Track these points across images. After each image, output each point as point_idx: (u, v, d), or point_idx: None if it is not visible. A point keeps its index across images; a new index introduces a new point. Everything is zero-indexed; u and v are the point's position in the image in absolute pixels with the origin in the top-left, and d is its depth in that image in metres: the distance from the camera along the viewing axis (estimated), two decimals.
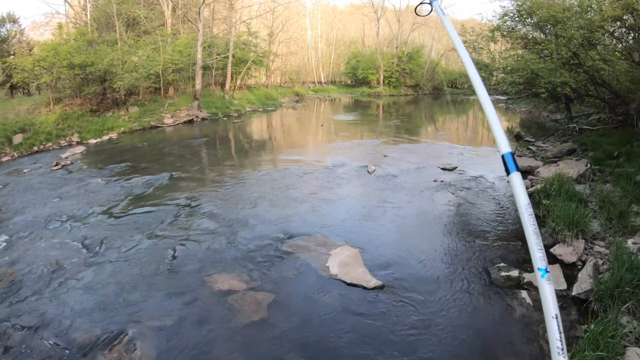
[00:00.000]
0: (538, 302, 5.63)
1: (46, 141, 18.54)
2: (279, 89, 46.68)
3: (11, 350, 5.32)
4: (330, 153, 16.03)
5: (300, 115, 32.36)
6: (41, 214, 9.87)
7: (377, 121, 27.94)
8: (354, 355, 4.98)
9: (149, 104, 26.29)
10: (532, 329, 5.21)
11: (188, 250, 7.69)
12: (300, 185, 11.44)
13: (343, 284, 6.45)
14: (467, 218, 8.74)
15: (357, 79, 57.85)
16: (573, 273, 6.23)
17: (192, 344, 5.27)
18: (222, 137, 21.76)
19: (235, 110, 30.96)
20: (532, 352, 4.83)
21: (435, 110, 36.95)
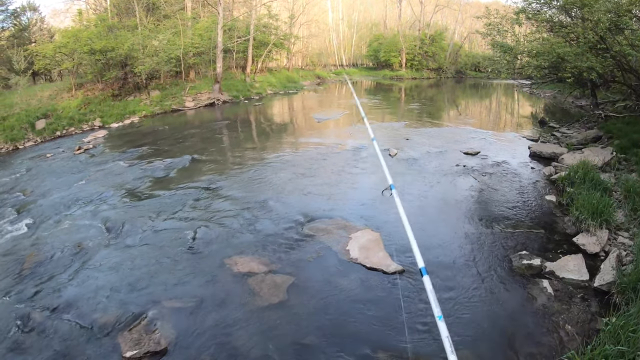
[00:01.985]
0: (559, 292, 5.54)
1: (69, 126, 18.74)
2: (300, 71, 46.38)
3: (34, 330, 5.39)
4: (351, 136, 15.87)
5: (322, 98, 32.13)
6: (64, 197, 9.98)
7: (399, 104, 27.61)
8: (372, 340, 4.93)
9: (170, 88, 26.37)
10: (552, 319, 5.09)
11: (208, 232, 7.68)
12: (321, 168, 11.36)
13: (363, 268, 6.38)
14: (489, 204, 8.56)
15: (379, 61, 57.17)
16: (596, 264, 6.07)
17: (211, 325, 5.27)
18: (243, 119, 21.72)
19: (257, 93, 30.84)
20: (551, 343, 4.72)
21: (458, 94, 36.36)
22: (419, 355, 4.69)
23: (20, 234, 8.16)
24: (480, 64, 54.82)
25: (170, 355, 4.86)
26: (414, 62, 52.59)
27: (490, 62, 26.74)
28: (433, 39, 53.01)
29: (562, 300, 5.40)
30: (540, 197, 8.54)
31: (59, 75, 29.72)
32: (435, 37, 53.32)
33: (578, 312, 5.17)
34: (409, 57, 52.63)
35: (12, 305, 5.92)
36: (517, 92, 33.86)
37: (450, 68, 53.80)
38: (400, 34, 53.12)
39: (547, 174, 9.89)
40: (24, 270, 6.82)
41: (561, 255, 6.32)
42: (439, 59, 53.41)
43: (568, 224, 7.24)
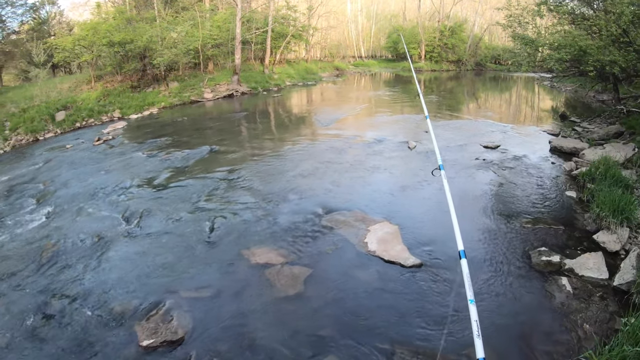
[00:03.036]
0: (578, 290, 5.39)
1: (88, 117, 18.91)
2: (318, 63, 46.17)
3: (52, 319, 5.42)
4: (370, 128, 15.75)
5: (341, 90, 31.96)
6: (83, 188, 10.07)
7: (418, 97, 27.23)
8: (388, 334, 4.86)
9: (189, 79, 26.45)
10: (570, 317, 4.95)
11: (226, 223, 7.67)
12: (340, 160, 11.26)
13: (381, 261, 6.30)
14: (508, 198, 8.38)
15: (398, 53, 56.71)
16: (616, 262, 5.90)
17: (227, 315, 5.25)
18: (262, 111, 21.70)
19: (275, 85, 30.76)
20: (569, 342, 4.58)
21: (478, 86, 35.86)
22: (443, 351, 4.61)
23: (39, 224, 8.24)
24: (500, 57, 54.07)
25: (187, 344, 4.85)
26: (433, 54, 52.01)
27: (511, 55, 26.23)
28: (453, 31, 52.37)
29: (580, 298, 5.27)
30: (561, 193, 8.36)
31: (78, 67, 30.10)
32: (455, 29, 52.66)
33: (596, 311, 5.03)
34: (428, 49, 52.08)
35: (31, 293, 5.98)
36: (538, 85, 33.29)
37: (470, 60, 53.10)
38: (419, 25, 52.58)
39: (567, 169, 9.68)
40: (43, 259, 6.88)
41: (581, 252, 6.16)
42: (458, 51, 52.77)
43: (588, 220, 7.07)
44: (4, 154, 15.02)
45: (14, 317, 5.51)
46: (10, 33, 28.81)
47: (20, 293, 6.01)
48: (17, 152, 15.02)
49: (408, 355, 4.55)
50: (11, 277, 6.43)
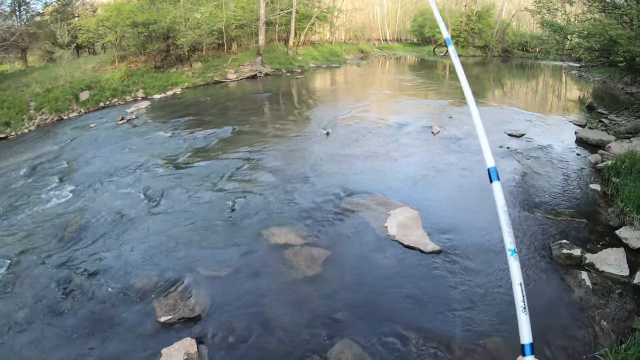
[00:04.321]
0: (597, 286, 5.24)
1: (112, 97, 19.10)
2: (343, 45, 45.73)
3: (74, 294, 5.50)
4: (394, 112, 15.56)
5: (365, 72, 31.68)
6: (107, 166, 10.17)
7: (443, 82, 26.88)
8: (404, 319, 4.82)
9: (213, 60, 26.48)
10: (588, 313, 4.82)
11: (247, 203, 7.67)
12: (362, 143, 11.17)
13: (400, 246, 6.22)
14: (531, 188, 8.19)
15: (423, 37, 55.86)
16: (637, 260, 5.71)
17: (245, 294, 5.26)
18: (285, 92, 21.63)
19: (299, 66, 30.61)
20: (585, 339, 4.46)
21: (504, 73, 35.12)
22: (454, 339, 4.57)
23: (63, 201, 8.36)
24: (528, 44, 52.84)
25: (204, 322, 4.87)
26: (460, 39, 51.06)
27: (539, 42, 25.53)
28: (480, 16, 51.37)
29: (599, 294, 5.12)
30: (585, 185, 8.15)
31: (102, 48, 30.36)
32: (482, 14, 51.64)
33: (615, 308, 4.89)
34: (455, 33, 51.13)
35: (54, 268, 6.07)
36: (565, 74, 32.48)
37: (497, 46, 52.02)
38: (446, 9, 51.61)
39: (592, 162, 9.43)
40: (66, 235, 6.98)
41: (602, 247, 5.98)
42: (485, 36, 51.77)
43: (612, 215, 6.87)
44: (29, 133, 15.26)
45: (37, 291, 5.60)
46: (34, 15, 29.17)
47: (44, 268, 6.11)
48: (41, 131, 15.25)
49: (423, 341, 4.51)
50: (35, 252, 6.54)
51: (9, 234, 7.24)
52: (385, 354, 4.40)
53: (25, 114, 16.33)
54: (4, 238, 7.12)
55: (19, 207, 8.24)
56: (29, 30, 26.58)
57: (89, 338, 4.78)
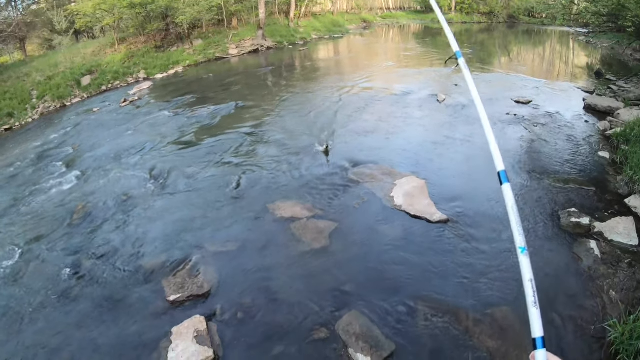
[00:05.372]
0: (606, 255, 5.17)
1: (113, 80, 18.99)
2: (345, 15, 44.84)
3: (84, 277, 5.55)
4: (398, 80, 15.33)
5: (368, 42, 31.20)
6: (111, 149, 10.16)
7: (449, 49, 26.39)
8: (412, 290, 4.81)
9: (213, 36, 26.19)
10: (596, 282, 4.76)
11: (252, 178, 7.66)
12: (367, 113, 11.04)
13: (407, 216, 6.17)
14: (539, 155, 8.05)
15: (427, 5, 54.74)
16: None
17: (252, 269, 5.27)
18: (288, 65, 21.37)
19: (301, 38, 30.14)
20: (594, 308, 4.43)
21: (510, 40, 34.33)
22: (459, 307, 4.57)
23: (69, 187, 8.39)
24: (534, 9, 51.57)
25: (213, 298, 4.90)
26: (464, 5, 50.05)
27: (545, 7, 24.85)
28: None
29: (608, 263, 5.05)
30: (593, 153, 7.99)
31: (101, 31, 30.13)
32: None
33: (624, 278, 4.82)
34: (459, 0, 50.27)
35: (63, 253, 6.12)
36: (573, 40, 31.68)
37: (502, 12, 50.83)
38: None
39: (601, 129, 9.23)
40: (74, 220, 7.02)
41: (611, 216, 5.87)
42: (490, 2, 50.55)
43: (621, 183, 6.75)
44: (32, 122, 15.24)
45: (49, 277, 5.65)
46: (30, 4, 28.93)
47: (54, 254, 6.15)
48: (45, 120, 15.23)
49: (431, 312, 4.51)
50: (45, 239, 6.58)
51: (18, 222, 7.29)
52: (394, 324, 4.41)
53: (27, 104, 16.30)
54: (13, 226, 7.18)
55: (26, 195, 8.28)
56: (25, 20, 26.41)
57: (100, 320, 4.83)
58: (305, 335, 4.34)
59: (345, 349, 4.16)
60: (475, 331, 4.30)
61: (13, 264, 6.07)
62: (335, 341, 4.26)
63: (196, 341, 4.34)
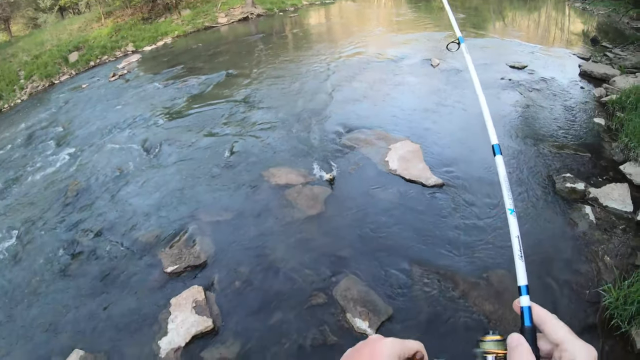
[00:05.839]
0: (601, 221, 5.15)
1: (101, 55, 18.66)
2: None
3: (81, 254, 5.56)
4: (392, 46, 14.98)
5: (361, 7, 30.60)
6: (102, 124, 10.05)
7: (442, 14, 26.04)
8: (408, 254, 4.82)
9: (202, 5, 25.67)
10: (591, 248, 4.75)
11: (246, 146, 7.59)
12: (360, 79, 10.86)
13: (402, 180, 6.14)
14: (534, 121, 7.94)
15: None
16: None
17: (248, 238, 5.27)
18: (279, 32, 20.91)
19: (292, 5, 29.33)
20: (589, 273, 4.43)
21: (505, 5, 33.73)
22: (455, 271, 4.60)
23: (62, 165, 8.34)
24: None
25: (210, 268, 4.91)
26: None
27: None
28: None
29: (603, 229, 5.03)
30: (589, 119, 7.89)
31: (87, 6, 29.49)
32: None
33: (618, 244, 4.82)
34: None
35: (60, 232, 6.12)
36: (569, 6, 31.16)
37: None
38: None
39: (597, 95, 9.09)
40: (68, 198, 6.99)
41: (606, 182, 5.83)
42: None
43: (616, 150, 6.67)
44: (21, 102, 15.07)
45: (47, 256, 5.67)
46: None
47: (50, 233, 6.15)
48: (34, 99, 15.05)
49: (427, 275, 4.53)
50: (40, 219, 6.57)
51: (13, 204, 7.28)
52: (391, 288, 4.43)
53: (15, 85, 16.10)
54: (8, 208, 7.18)
55: (19, 177, 8.25)
56: (8, 0, 25.86)
57: (100, 296, 4.86)
58: (303, 301, 4.36)
59: (343, 314, 4.18)
60: (472, 294, 4.33)
61: (10, 245, 6.09)
62: (333, 306, 4.28)
63: (195, 311, 4.36)
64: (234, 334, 4.18)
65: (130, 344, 4.29)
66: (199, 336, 4.15)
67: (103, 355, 4.20)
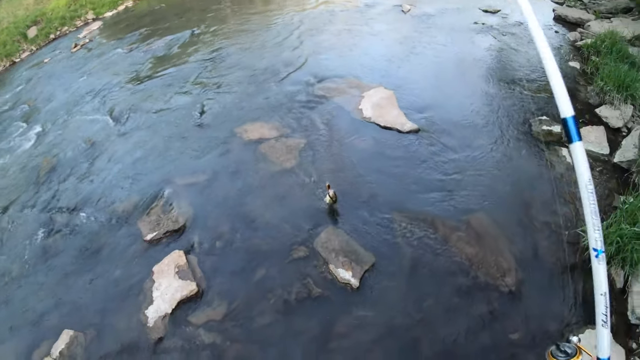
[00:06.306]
0: None
1: (61, 26, 17.85)
2: None
3: (61, 233, 5.48)
4: None
5: None
6: (68, 97, 9.74)
7: None
8: (387, 201, 4.83)
9: None
10: (569, 189, 4.73)
11: (216, 105, 7.41)
12: (330, 27, 10.53)
13: (377, 127, 6.08)
14: (509, 64, 7.78)
15: None
16: (617, 139, 5.59)
17: (225, 196, 5.23)
18: None
19: None
20: (567, 214, 4.45)
21: None
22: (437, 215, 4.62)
23: (32, 143, 8.11)
24: None
25: (189, 231, 4.89)
26: None
27: None
28: None
29: None
30: (564, 63, 7.76)
31: None
32: None
33: (595, 185, 4.74)
34: None
35: (36, 212, 6.00)
36: None
37: None
38: None
39: (571, 40, 8.94)
40: (42, 177, 6.83)
41: (582, 125, 5.82)
42: None
43: (591, 93, 6.61)
44: None
45: (26, 239, 5.57)
46: None
47: (27, 215, 6.03)
48: None
49: (407, 222, 4.54)
50: (15, 202, 6.42)
51: None
52: (372, 237, 4.45)
53: None
54: None
55: None
56: None
57: (83, 272, 4.82)
58: (284, 256, 4.37)
59: (325, 266, 4.20)
60: (453, 238, 4.37)
61: None
62: (315, 258, 4.29)
63: (178, 276, 4.34)
64: (219, 295, 4.19)
65: (117, 316, 4.28)
66: (184, 301, 4.16)
67: (93, 332, 4.20)
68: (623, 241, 3.78)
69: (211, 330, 3.91)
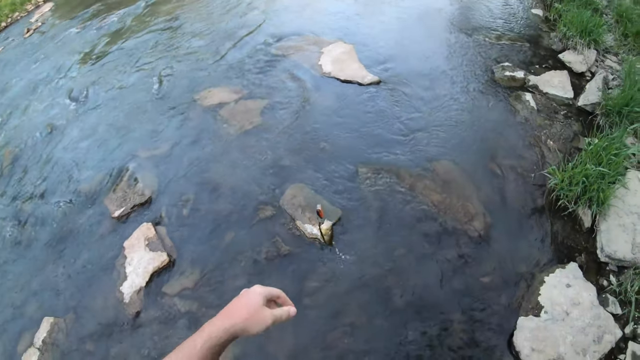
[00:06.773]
0: (542, 107, 5.25)
1: (12, 13, 17.08)
2: None
3: (27, 222, 5.40)
4: None
5: None
6: (24, 84, 9.42)
7: None
8: (351, 154, 4.85)
9: None
10: (534, 133, 4.85)
11: (174, 74, 7.26)
12: None
13: (337, 82, 6.05)
14: (470, 12, 7.64)
15: None
16: (581, 83, 5.64)
17: (189, 164, 5.20)
18: None
19: None
20: (533, 157, 4.57)
21: None
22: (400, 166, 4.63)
23: None
24: None
25: (156, 202, 4.87)
26: None
27: None
28: None
29: (544, 115, 5.13)
30: (526, 10, 7.66)
31: None
32: None
33: (561, 128, 4.94)
34: None
35: (2, 205, 5.89)
36: None
37: None
38: None
39: None
40: (4, 170, 6.64)
41: (545, 70, 5.88)
42: None
43: (554, 40, 6.59)
44: None
45: None
46: None
47: None
48: None
49: (372, 173, 4.57)
50: None
51: None
52: (337, 191, 4.48)
53: None
54: None
55: None
56: None
57: (56, 259, 4.78)
58: (251, 216, 4.38)
59: (293, 222, 4.22)
60: (419, 186, 4.41)
61: None
62: (282, 216, 4.32)
63: (149, 249, 4.34)
64: (190, 262, 4.21)
65: (94, 297, 4.27)
66: (157, 272, 4.18)
67: (72, 316, 4.19)
68: (589, 181, 3.91)
69: (186, 298, 3.93)
